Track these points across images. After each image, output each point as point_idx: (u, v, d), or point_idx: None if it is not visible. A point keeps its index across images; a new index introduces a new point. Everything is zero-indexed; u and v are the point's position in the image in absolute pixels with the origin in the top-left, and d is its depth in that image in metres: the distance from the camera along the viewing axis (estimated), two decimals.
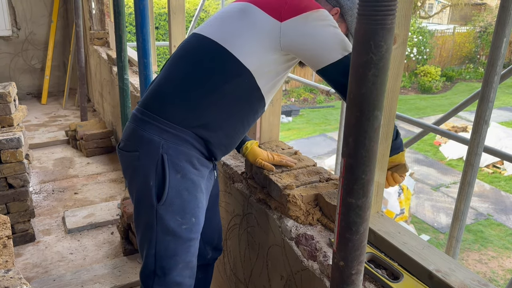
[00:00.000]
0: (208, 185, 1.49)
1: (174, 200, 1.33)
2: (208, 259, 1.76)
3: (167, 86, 1.37)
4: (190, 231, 1.38)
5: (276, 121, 1.97)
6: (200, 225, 1.43)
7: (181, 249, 1.39)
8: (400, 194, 6.90)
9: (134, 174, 1.37)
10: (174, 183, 1.32)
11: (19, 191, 2.64)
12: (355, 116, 0.74)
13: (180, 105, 1.33)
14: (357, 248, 0.83)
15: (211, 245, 1.75)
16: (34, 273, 2.49)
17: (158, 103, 1.35)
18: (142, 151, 1.33)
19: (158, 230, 1.35)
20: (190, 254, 1.42)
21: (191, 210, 1.37)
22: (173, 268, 1.39)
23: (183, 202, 1.35)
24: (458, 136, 1.98)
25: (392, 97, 1.22)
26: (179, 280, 1.41)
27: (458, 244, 1.67)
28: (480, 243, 6.92)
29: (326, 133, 11.78)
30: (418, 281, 1.19)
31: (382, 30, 0.68)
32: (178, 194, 1.33)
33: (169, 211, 1.34)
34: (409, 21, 1.18)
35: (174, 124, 1.32)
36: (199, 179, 1.39)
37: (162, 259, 1.38)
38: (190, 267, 1.44)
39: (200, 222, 1.43)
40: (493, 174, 9.30)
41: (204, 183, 1.43)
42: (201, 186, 1.40)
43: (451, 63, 18.17)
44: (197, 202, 1.38)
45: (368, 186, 0.78)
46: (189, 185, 1.35)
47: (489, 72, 1.42)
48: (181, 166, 1.33)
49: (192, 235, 1.40)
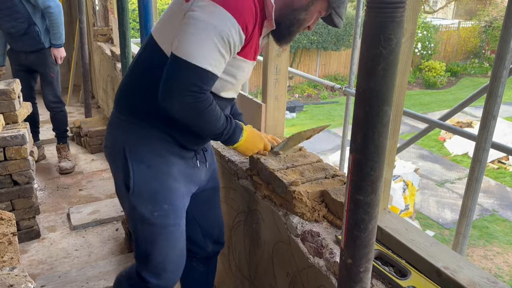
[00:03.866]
0: (191, 172, 1.52)
1: (142, 189, 1.41)
2: (208, 252, 1.78)
3: (123, 83, 1.47)
4: (164, 218, 1.43)
5: (281, 117, 1.96)
6: (178, 211, 1.47)
7: (159, 236, 1.45)
8: (405, 190, 6.88)
9: (111, 168, 1.50)
10: (139, 173, 1.40)
11: (24, 188, 2.64)
12: (364, 111, 0.73)
13: (132, 99, 1.42)
14: (365, 246, 0.82)
15: (210, 238, 1.76)
16: (39, 270, 2.49)
17: (117, 100, 1.47)
18: (111, 146, 1.48)
19: (135, 219, 1.45)
20: (172, 241, 1.47)
21: (163, 198, 1.42)
22: (154, 254, 1.46)
23: (152, 190, 1.41)
24: (464, 132, 1.96)
25: (400, 92, 1.21)
26: (162, 266, 1.48)
27: (465, 241, 1.65)
28: (486, 239, 6.90)
29: (330, 129, 11.74)
30: (426, 278, 1.17)
31: (392, 23, 0.66)
32: (145, 183, 1.41)
33: (140, 200, 1.42)
34: (417, 15, 1.17)
35: (132, 118, 1.41)
36: (170, 167, 1.43)
37: (142, 246, 1.47)
38: (175, 253, 1.49)
39: (178, 208, 1.47)
40: (499, 169, 9.25)
41: (179, 170, 1.46)
42: (172, 174, 1.44)
43: (456, 58, 18.07)
44: (169, 189, 1.43)
45: (377, 182, 0.76)
46: (156, 174, 1.41)
47: (498, 66, 1.40)
48: (144, 157, 1.40)
49: (167, 221, 1.44)
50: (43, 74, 3.58)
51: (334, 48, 14.94)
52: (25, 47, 3.42)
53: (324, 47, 14.72)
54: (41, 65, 3.53)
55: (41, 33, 3.41)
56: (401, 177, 6.94)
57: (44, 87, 3.63)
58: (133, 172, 1.40)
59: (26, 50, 3.44)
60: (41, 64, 3.52)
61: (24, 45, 3.41)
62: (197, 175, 1.57)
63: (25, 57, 3.48)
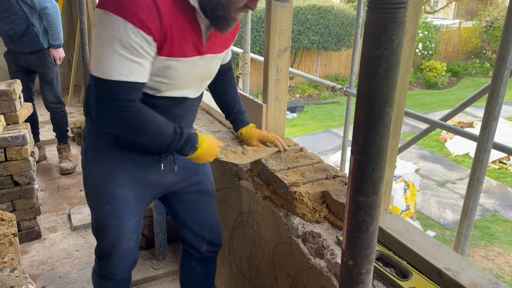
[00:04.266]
0: (149, 177, 1.55)
1: (88, 187, 1.55)
2: (203, 252, 1.78)
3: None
4: (105, 217, 1.54)
5: (282, 118, 1.96)
6: (119, 214, 1.53)
7: (102, 228, 1.57)
8: (406, 190, 6.87)
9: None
10: (89, 173, 1.53)
11: (24, 189, 2.64)
12: (365, 112, 0.72)
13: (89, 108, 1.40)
14: (367, 247, 0.81)
15: (203, 239, 1.76)
16: (40, 271, 2.49)
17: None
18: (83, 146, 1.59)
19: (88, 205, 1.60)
20: (114, 237, 1.57)
21: (104, 199, 1.51)
22: (99, 240, 1.62)
23: (96, 191, 1.53)
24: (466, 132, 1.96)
25: (401, 93, 1.20)
26: (106, 254, 1.61)
27: (466, 241, 1.65)
28: (487, 239, 6.88)
29: (331, 129, 11.73)
30: (427, 279, 1.17)
31: (393, 24, 0.66)
32: (92, 183, 1.54)
33: (88, 195, 1.57)
34: (418, 16, 1.16)
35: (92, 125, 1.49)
36: (117, 173, 1.49)
37: (94, 229, 1.62)
38: (117, 249, 1.58)
39: (119, 211, 1.53)
40: (500, 170, 9.23)
41: (129, 176, 1.50)
42: (116, 180, 1.49)
43: (457, 58, 18.04)
44: (110, 194, 1.51)
45: (379, 184, 0.76)
46: (101, 177, 1.50)
47: (499, 66, 1.40)
48: (96, 160, 1.51)
49: (108, 220, 1.54)
50: (42, 75, 3.57)
51: (335, 48, 14.94)
52: (24, 48, 3.41)
53: (324, 47, 14.72)
54: (40, 65, 3.52)
55: (40, 34, 3.40)
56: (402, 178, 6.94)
57: (43, 87, 3.62)
58: (85, 171, 1.54)
59: (25, 51, 3.43)
60: (40, 64, 3.51)
61: (23, 46, 3.40)
62: (162, 179, 1.58)
63: (24, 59, 3.47)
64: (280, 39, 1.79)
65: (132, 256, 1.66)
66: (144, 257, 2.53)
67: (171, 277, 2.45)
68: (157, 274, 2.43)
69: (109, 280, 1.68)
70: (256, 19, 12.73)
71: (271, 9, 1.72)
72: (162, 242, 2.46)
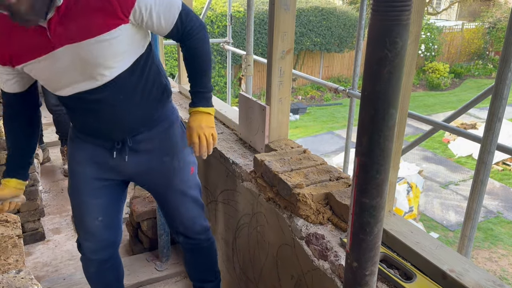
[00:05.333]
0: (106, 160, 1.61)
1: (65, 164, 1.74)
2: (181, 243, 1.87)
3: None
4: (71, 195, 1.70)
5: (285, 120, 1.96)
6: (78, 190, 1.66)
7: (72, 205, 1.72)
8: (409, 192, 6.85)
9: None
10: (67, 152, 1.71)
11: (29, 190, 2.65)
12: (369, 114, 0.73)
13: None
14: (371, 249, 0.82)
15: (177, 232, 1.84)
16: (44, 272, 2.50)
17: None
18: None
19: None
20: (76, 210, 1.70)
21: (69, 178, 1.68)
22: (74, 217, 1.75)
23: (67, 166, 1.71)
24: (469, 134, 1.95)
25: (404, 95, 1.21)
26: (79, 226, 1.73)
27: (470, 243, 1.65)
28: (490, 241, 6.86)
29: (334, 131, 11.72)
30: (431, 281, 1.17)
31: (397, 27, 0.66)
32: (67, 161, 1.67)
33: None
34: (421, 17, 1.17)
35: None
36: (77, 152, 1.64)
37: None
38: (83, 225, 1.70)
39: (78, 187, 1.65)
40: (503, 171, 9.20)
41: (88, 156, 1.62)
42: (76, 159, 1.64)
43: (460, 60, 18.01)
44: (71, 171, 1.67)
45: (383, 186, 0.76)
46: (69, 155, 1.68)
47: (503, 68, 1.40)
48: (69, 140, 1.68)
49: (72, 198, 1.70)
50: None
51: (337, 50, 14.94)
52: None
53: (327, 49, 14.72)
54: None
55: None
56: (405, 179, 6.92)
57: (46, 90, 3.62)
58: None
59: None
60: None
61: None
62: (120, 167, 1.63)
63: None
64: (283, 41, 1.80)
65: (100, 237, 1.72)
66: (148, 259, 2.53)
67: (175, 278, 2.45)
68: (160, 275, 2.43)
69: (87, 260, 1.78)
70: (259, 21, 12.75)
71: (274, 12, 1.73)
72: (166, 243, 2.47)
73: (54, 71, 1.36)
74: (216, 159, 2.14)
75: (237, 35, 12.37)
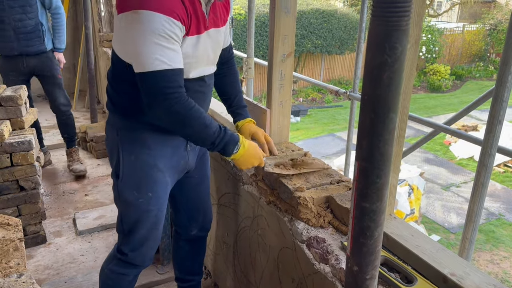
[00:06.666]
0: (179, 162, 1.64)
1: (129, 178, 1.56)
2: (192, 235, 1.91)
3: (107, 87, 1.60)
4: (147, 204, 1.59)
5: (286, 122, 1.96)
6: (160, 199, 1.61)
7: (141, 218, 1.61)
8: (410, 194, 6.85)
9: (109, 158, 1.69)
10: (128, 163, 1.55)
11: (30, 194, 2.66)
12: (369, 118, 0.73)
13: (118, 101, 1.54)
14: (372, 253, 0.82)
15: (196, 222, 1.88)
16: (45, 275, 2.50)
17: (107, 102, 1.60)
18: (109, 140, 1.62)
19: (121, 202, 1.62)
20: (151, 223, 1.63)
21: (147, 186, 1.57)
22: (135, 231, 1.63)
23: (137, 179, 1.56)
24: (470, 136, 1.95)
25: (405, 98, 1.21)
26: (140, 242, 1.65)
27: (471, 246, 1.64)
28: (492, 243, 6.85)
29: (335, 133, 11.72)
30: (432, 285, 1.17)
31: (397, 32, 0.66)
32: (132, 173, 1.55)
33: (126, 187, 1.57)
34: (421, 21, 1.17)
35: (123, 117, 1.55)
36: (157, 160, 1.56)
37: (126, 225, 1.64)
38: (153, 234, 1.66)
39: (160, 196, 1.61)
40: (505, 173, 9.19)
41: (166, 163, 1.59)
42: (158, 166, 1.57)
43: (461, 62, 18.01)
44: (153, 180, 1.57)
45: (383, 190, 0.76)
46: (142, 164, 1.55)
47: (503, 71, 1.40)
48: (133, 149, 1.54)
49: (150, 207, 1.60)
50: (50, 77, 3.53)
51: (338, 52, 14.95)
52: (28, 47, 3.35)
53: (328, 51, 14.73)
54: (47, 68, 3.50)
55: (45, 35, 3.40)
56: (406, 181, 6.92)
57: (54, 90, 3.58)
58: (123, 162, 1.55)
59: (28, 52, 3.36)
60: (47, 67, 3.49)
61: (28, 45, 3.34)
62: (186, 161, 1.67)
63: (25, 62, 3.41)
64: (283, 44, 1.80)
65: (159, 239, 1.75)
66: None
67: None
68: (161, 278, 2.43)
69: (137, 268, 1.73)
70: (260, 23, 12.77)
71: (275, 15, 1.73)
72: (167, 246, 2.47)
73: (203, 49, 1.45)
74: (217, 162, 2.14)
75: (238, 38, 12.39)
